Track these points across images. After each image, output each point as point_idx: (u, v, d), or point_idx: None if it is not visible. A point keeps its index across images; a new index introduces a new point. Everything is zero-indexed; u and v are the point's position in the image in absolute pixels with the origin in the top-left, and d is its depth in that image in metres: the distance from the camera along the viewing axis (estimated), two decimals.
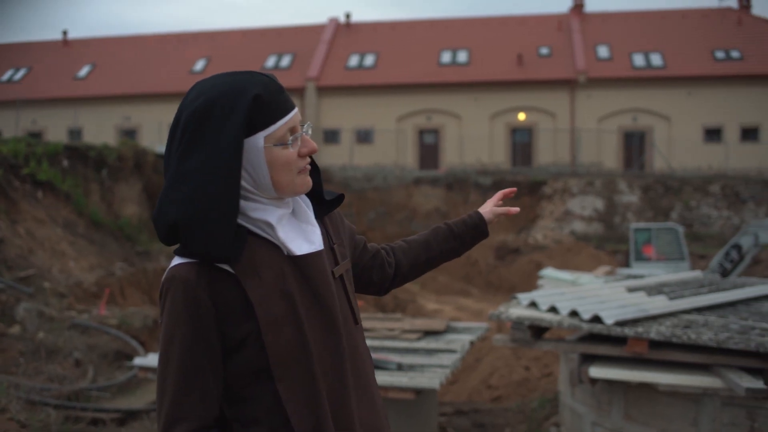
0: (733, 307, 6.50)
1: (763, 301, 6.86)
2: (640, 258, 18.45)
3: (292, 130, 1.88)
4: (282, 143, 1.85)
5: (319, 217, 2.07)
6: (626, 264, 19.31)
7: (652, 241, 18.60)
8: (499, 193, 2.53)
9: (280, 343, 1.83)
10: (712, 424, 5.47)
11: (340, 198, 2.13)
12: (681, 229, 19.46)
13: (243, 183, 1.85)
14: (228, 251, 1.80)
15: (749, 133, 34.96)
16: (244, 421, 1.88)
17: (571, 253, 22.10)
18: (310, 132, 1.95)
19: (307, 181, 1.95)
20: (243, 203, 1.87)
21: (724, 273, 17.16)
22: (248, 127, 1.81)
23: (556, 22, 39.90)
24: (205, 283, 1.82)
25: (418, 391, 5.87)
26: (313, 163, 2.03)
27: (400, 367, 6.08)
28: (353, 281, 2.20)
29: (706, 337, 5.31)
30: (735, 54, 35.91)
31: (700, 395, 5.47)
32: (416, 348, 6.94)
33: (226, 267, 1.84)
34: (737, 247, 17.09)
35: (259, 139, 1.83)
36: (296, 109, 1.90)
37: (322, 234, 2.04)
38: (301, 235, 1.97)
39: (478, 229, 2.43)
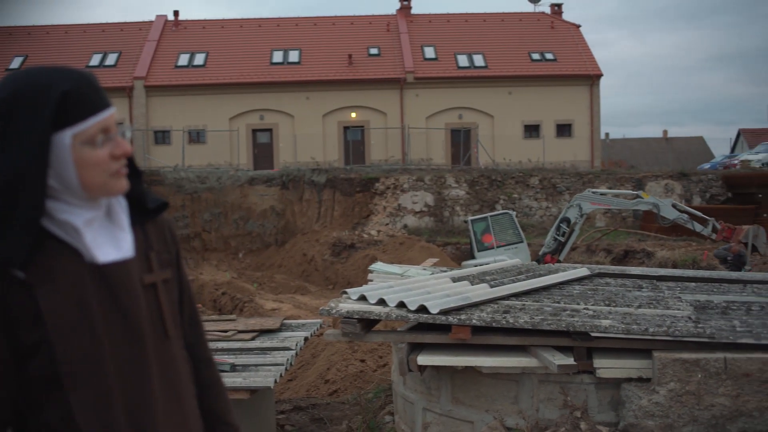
0: (547, 291, 6.99)
1: (573, 284, 7.43)
2: (483, 247, 19.30)
3: (105, 131, 1.79)
4: (91, 143, 1.77)
5: (139, 222, 1.97)
6: (470, 256, 20.13)
7: (490, 230, 19.47)
8: None
9: (70, 353, 1.76)
10: (531, 401, 5.88)
11: (163, 205, 2.02)
12: (514, 213, 20.62)
13: (50, 182, 1.78)
14: (13, 258, 1.72)
15: (563, 129, 37.60)
16: (41, 428, 1.82)
17: (404, 246, 22.73)
18: (128, 135, 1.87)
19: (121, 184, 1.87)
20: (50, 203, 1.79)
21: (559, 246, 18.54)
22: (55, 124, 1.73)
23: (385, 23, 40.80)
24: None
25: (253, 391, 5.89)
26: (134, 167, 1.96)
27: (233, 368, 6.07)
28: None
29: (523, 320, 5.70)
30: (549, 56, 38.35)
31: (520, 375, 5.86)
32: (250, 348, 6.94)
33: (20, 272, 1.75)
34: (566, 220, 18.58)
35: (66, 136, 1.75)
36: (112, 110, 1.83)
37: (139, 240, 1.95)
38: (110, 241, 1.87)
39: None
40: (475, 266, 11.00)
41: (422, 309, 5.80)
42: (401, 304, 5.93)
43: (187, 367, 2.07)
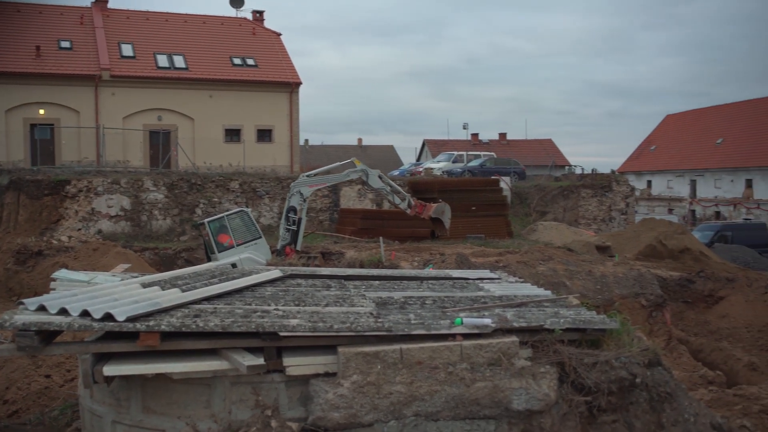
0: (240, 293, 7.10)
1: (266, 286, 7.61)
2: (222, 248, 18.97)
3: None
4: None
5: None
6: (207, 258, 19.70)
7: (228, 229, 19.22)
8: None
9: None
10: (223, 404, 5.93)
11: None
12: (249, 210, 20.62)
13: None
14: None
15: (264, 134, 38.29)
16: None
17: (98, 253, 21.49)
18: None
19: None
20: None
21: (294, 235, 18.91)
22: None
23: (78, 15, 38.35)
24: None
25: None
26: None
27: None
28: None
29: (213, 323, 5.74)
30: (250, 61, 38.79)
31: (212, 378, 5.87)
32: None
33: None
34: (292, 209, 19.07)
35: None
36: None
37: None
38: None
39: None
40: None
41: (109, 317, 5.59)
42: (85, 313, 5.67)
43: None
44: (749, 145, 55.34)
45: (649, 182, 64.74)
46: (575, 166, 56.86)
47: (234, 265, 17.94)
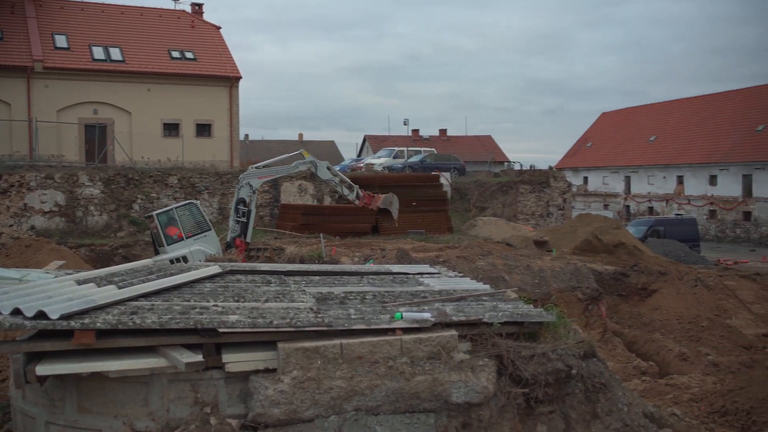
0: (178, 290, 7.01)
1: (205, 282, 7.54)
2: (172, 241, 18.68)
3: None
4: None
5: None
6: (155, 252, 19.34)
7: (177, 222, 18.93)
8: None
9: None
10: (161, 402, 5.85)
11: None
12: (198, 203, 20.33)
13: None
14: None
15: (203, 129, 37.75)
16: None
17: (31, 249, 20.91)
18: None
19: None
20: None
21: (244, 227, 18.73)
22: None
23: (9, 5, 37.17)
24: None
25: None
26: None
27: None
28: None
29: (150, 320, 5.65)
30: (189, 55, 38.19)
31: (149, 376, 5.79)
32: None
33: None
34: (242, 201, 18.86)
35: None
36: None
37: None
38: None
39: None
40: (170, 261, 10.57)
41: (42, 315, 5.46)
42: (17, 311, 5.52)
43: None
44: (681, 142, 56.94)
45: (586, 178, 66.10)
46: (514, 162, 57.79)
47: (185, 258, 17.82)
